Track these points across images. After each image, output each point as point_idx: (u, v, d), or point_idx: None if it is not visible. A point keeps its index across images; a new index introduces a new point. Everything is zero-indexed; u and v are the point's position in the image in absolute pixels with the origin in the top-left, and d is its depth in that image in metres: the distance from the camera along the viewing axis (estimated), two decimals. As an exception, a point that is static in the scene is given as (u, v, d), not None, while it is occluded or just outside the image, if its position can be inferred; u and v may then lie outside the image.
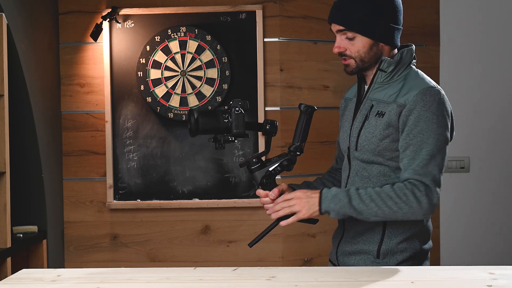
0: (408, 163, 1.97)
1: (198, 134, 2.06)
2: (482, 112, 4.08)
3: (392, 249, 2.04)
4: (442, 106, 1.98)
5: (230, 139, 2.08)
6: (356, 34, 2.04)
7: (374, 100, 2.07)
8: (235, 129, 2.06)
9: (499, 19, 4.08)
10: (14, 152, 3.37)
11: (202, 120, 2.05)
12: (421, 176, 1.94)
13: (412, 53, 2.09)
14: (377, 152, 2.04)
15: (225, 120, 2.06)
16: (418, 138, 1.96)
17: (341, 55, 2.09)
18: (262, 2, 3.79)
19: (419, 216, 1.97)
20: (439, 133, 1.96)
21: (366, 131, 2.06)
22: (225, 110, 2.08)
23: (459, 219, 4.10)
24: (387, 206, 1.94)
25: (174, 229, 3.89)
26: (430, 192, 1.94)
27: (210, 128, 2.07)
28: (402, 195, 1.94)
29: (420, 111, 1.96)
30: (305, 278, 1.78)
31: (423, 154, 1.95)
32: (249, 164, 2.11)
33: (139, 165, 3.83)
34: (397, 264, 2.04)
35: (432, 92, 1.98)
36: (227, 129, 2.07)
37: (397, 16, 2.07)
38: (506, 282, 1.70)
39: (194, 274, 1.85)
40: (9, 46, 3.18)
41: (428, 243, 2.12)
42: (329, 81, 3.86)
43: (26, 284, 1.78)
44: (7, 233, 3.07)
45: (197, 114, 2.05)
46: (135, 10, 3.79)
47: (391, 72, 2.06)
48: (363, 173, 2.08)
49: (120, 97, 3.82)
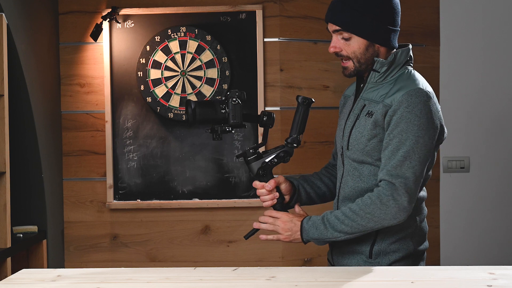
0: (384, 162, 1.97)
1: (195, 124, 2.07)
2: (482, 112, 4.08)
3: (384, 249, 2.05)
4: (427, 108, 1.95)
5: (227, 130, 2.09)
6: (352, 34, 2.04)
7: (367, 99, 2.07)
8: (232, 120, 2.08)
9: (499, 19, 4.08)
10: (14, 152, 3.37)
11: (199, 111, 2.06)
12: (392, 177, 1.94)
13: (408, 54, 2.08)
14: (366, 152, 2.04)
15: (222, 111, 2.07)
16: (397, 139, 1.95)
17: (337, 55, 2.09)
18: (262, 2, 3.79)
19: (391, 221, 1.95)
20: (418, 135, 1.94)
21: (357, 130, 2.06)
22: (222, 100, 2.09)
23: (459, 219, 4.10)
24: (360, 220, 1.96)
25: (174, 229, 3.89)
26: (398, 195, 1.93)
27: (207, 119, 2.08)
28: (369, 205, 1.95)
29: (403, 111, 1.95)
30: (305, 278, 1.79)
31: (398, 155, 1.94)
32: (246, 155, 2.12)
33: (139, 165, 3.83)
34: (390, 264, 2.04)
35: (418, 94, 1.96)
36: (224, 120, 2.08)
37: (394, 17, 2.07)
38: (506, 282, 1.70)
39: (194, 274, 1.85)
40: (9, 46, 3.18)
41: (423, 244, 2.11)
42: (329, 81, 3.86)
43: (26, 284, 1.78)
44: (7, 233, 3.07)
45: (194, 104, 2.05)
46: (135, 10, 3.79)
47: (385, 72, 2.05)
48: (355, 172, 2.09)
49: (120, 97, 3.82)
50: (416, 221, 2.08)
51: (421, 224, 2.10)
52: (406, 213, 1.95)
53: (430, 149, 1.97)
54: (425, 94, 1.97)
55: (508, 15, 4.08)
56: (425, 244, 2.13)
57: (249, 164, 2.12)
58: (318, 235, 2.01)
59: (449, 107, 3.99)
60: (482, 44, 4.09)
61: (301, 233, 2.04)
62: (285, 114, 3.78)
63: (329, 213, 2.03)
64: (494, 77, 4.08)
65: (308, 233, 2.03)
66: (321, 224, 2.01)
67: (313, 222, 2.03)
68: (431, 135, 1.96)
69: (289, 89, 3.82)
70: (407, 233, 2.06)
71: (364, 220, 1.96)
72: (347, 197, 2.11)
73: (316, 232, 2.01)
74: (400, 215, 1.95)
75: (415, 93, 1.96)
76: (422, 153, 1.95)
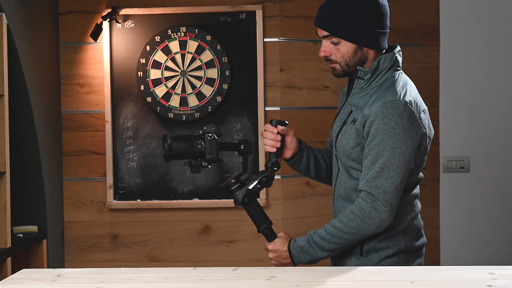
0: (364, 172, 2.02)
1: (171, 159, 2.11)
2: (482, 112, 4.08)
3: (374, 246, 2.08)
4: (403, 119, 1.98)
5: (204, 165, 2.13)
6: (340, 39, 2.06)
7: (354, 105, 2.11)
8: (208, 155, 2.11)
9: (499, 19, 4.08)
10: (14, 152, 3.37)
11: (175, 145, 2.09)
12: (371, 188, 1.99)
13: (392, 59, 2.09)
14: (351, 158, 2.09)
15: (199, 146, 2.11)
16: (374, 150, 1.99)
17: (326, 59, 2.12)
18: (262, 2, 3.79)
19: (376, 230, 2.01)
20: (395, 146, 1.97)
21: (343, 137, 2.11)
22: (199, 135, 2.12)
23: (459, 219, 4.10)
24: (346, 236, 2.02)
25: (174, 229, 3.89)
26: (378, 205, 1.98)
27: (183, 153, 2.12)
28: (352, 220, 2.00)
29: (379, 123, 1.98)
30: (305, 278, 1.79)
31: (376, 166, 1.98)
32: (229, 185, 2.17)
33: (139, 165, 3.83)
34: (381, 260, 2.07)
35: (393, 105, 1.98)
36: (200, 154, 2.12)
37: (381, 20, 2.08)
38: (506, 282, 1.71)
39: (194, 274, 1.85)
40: (9, 46, 3.18)
41: (419, 240, 2.14)
42: (329, 81, 3.86)
43: (26, 284, 1.78)
44: (7, 233, 3.07)
45: (170, 140, 2.09)
46: (135, 10, 3.79)
47: (369, 79, 2.08)
48: (346, 173, 2.13)
49: (120, 97, 3.82)
50: (407, 219, 2.10)
51: (413, 222, 2.12)
52: (388, 221, 2.01)
53: (409, 158, 2.00)
54: (401, 104, 1.99)
55: (508, 15, 4.08)
56: (422, 240, 2.15)
57: (233, 194, 2.16)
58: (310, 258, 2.08)
59: (449, 107, 3.99)
60: (482, 44, 4.08)
61: (292, 259, 2.10)
62: (285, 114, 3.78)
63: (313, 234, 2.08)
64: (494, 77, 4.08)
65: (299, 259, 2.10)
66: (309, 247, 2.07)
67: (301, 247, 2.08)
68: (409, 145, 1.99)
69: (289, 89, 3.82)
70: (397, 231, 2.09)
71: (350, 235, 2.02)
72: (341, 196, 2.15)
73: (306, 256, 2.08)
74: (383, 224, 2.01)
75: (391, 104, 1.99)
76: (400, 163, 1.98)
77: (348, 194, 2.11)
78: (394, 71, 2.10)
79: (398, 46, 2.14)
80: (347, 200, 2.11)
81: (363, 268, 1.93)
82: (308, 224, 3.79)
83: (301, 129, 3.67)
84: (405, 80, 2.09)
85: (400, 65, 2.12)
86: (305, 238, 2.09)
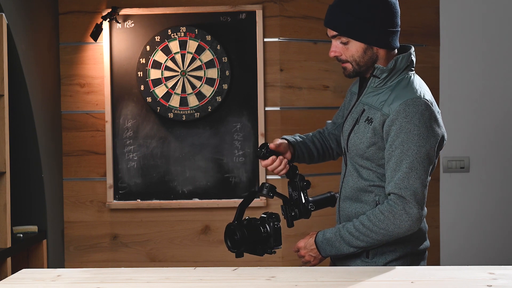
0: (391, 175, 1.99)
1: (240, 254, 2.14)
2: (482, 112, 4.08)
3: (381, 249, 2.06)
4: (426, 117, 1.97)
5: (269, 251, 2.16)
6: (349, 39, 2.05)
7: (366, 104, 2.08)
8: (274, 243, 2.15)
9: (499, 19, 4.08)
10: (14, 152, 3.37)
11: (242, 236, 2.10)
12: (401, 190, 1.96)
13: (408, 59, 2.08)
14: (365, 158, 2.07)
15: (264, 235, 2.12)
16: (399, 150, 1.97)
17: (337, 59, 2.11)
18: (262, 2, 3.79)
19: (406, 233, 1.99)
20: (420, 144, 1.96)
21: (355, 136, 2.09)
22: (264, 220, 2.13)
23: (459, 219, 4.10)
24: (375, 236, 2.00)
25: (174, 229, 3.89)
26: (409, 208, 1.96)
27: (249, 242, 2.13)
28: (382, 221, 1.98)
29: (402, 122, 1.96)
30: (305, 278, 1.79)
31: (403, 166, 1.96)
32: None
33: (139, 165, 3.83)
34: (386, 263, 2.06)
35: (415, 103, 1.97)
36: (264, 240, 2.14)
37: (390, 18, 2.07)
38: (506, 282, 1.71)
39: (194, 274, 1.85)
40: (9, 46, 3.18)
41: (423, 244, 2.13)
42: (329, 81, 3.86)
43: (26, 284, 1.78)
44: (7, 233, 3.07)
45: (240, 233, 2.10)
46: (135, 10, 3.79)
47: (385, 78, 2.06)
48: (355, 173, 2.11)
49: (120, 97, 3.82)
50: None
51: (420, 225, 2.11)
52: (419, 223, 1.99)
53: (432, 157, 1.99)
54: (423, 103, 1.98)
55: (508, 15, 4.08)
56: (426, 244, 2.13)
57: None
58: (335, 251, 2.07)
59: (449, 107, 3.99)
60: (481, 44, 4.09)
61: (319, 251, 2.10)
62: (285, 114, 3.78)
63: (342, 227, 2.06)
64: (494, 77, 4.08)
65: (325, 251, 2.09)
66: (335, 240, 2.06)
67: (327, 239, 2.07)
68: (432, 143, 1.98)
69: (289, 89, 3.82)
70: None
71: (379, 235, 2.00)
72: (348, 196, 2.13)
73: (332, 249, 2.07)
74: (414, 227, 1.99)
75: (413, 102, 1.97)
76: (426, 162, 1.97)
77: (356, 195, 2.10)
78: (409, 71, 2.09)
79: (412, 46, 2.13)
80: (355, 201, 2.10)
81: (363, 268, 1.93)
82: (309, 224, 3.78)
83: (301, 129, 3.67)
84: (420, 81, 2.10)
85: (414, 65, 2.12)
86: (333, 230, 2.08)
